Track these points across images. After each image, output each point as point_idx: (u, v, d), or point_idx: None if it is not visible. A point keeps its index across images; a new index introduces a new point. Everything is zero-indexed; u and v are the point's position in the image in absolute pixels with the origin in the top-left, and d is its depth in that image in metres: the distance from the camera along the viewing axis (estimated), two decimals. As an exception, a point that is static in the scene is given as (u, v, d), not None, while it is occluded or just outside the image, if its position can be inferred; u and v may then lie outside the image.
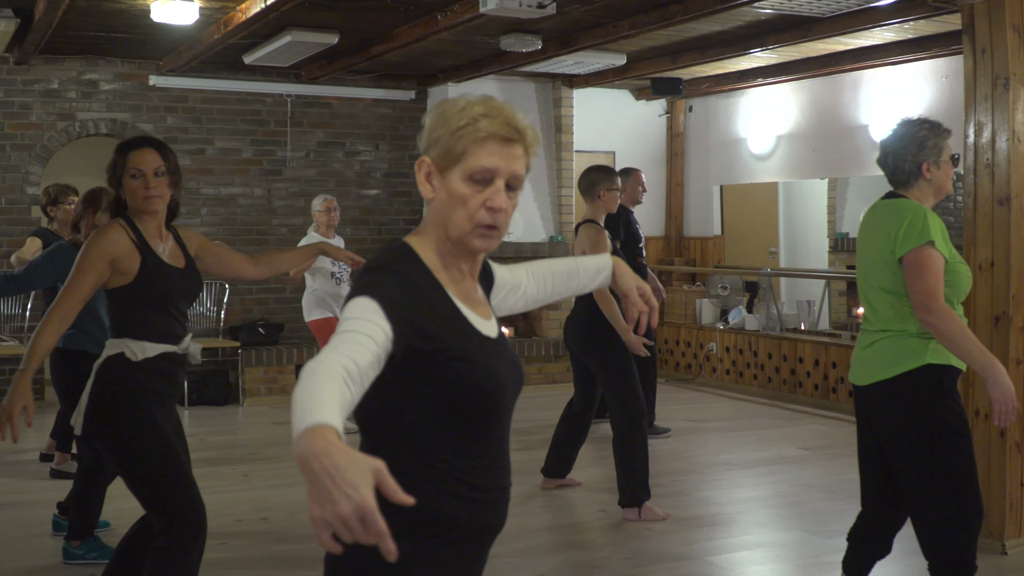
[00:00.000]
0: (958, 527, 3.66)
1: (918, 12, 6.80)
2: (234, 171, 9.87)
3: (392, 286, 1.90)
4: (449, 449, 1.95)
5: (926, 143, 3.77)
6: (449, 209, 1.97)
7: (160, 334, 3.64)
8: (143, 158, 3.66)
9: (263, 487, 6.55)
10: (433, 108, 2.02)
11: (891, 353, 3.68)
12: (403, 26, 7.77)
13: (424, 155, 2.00)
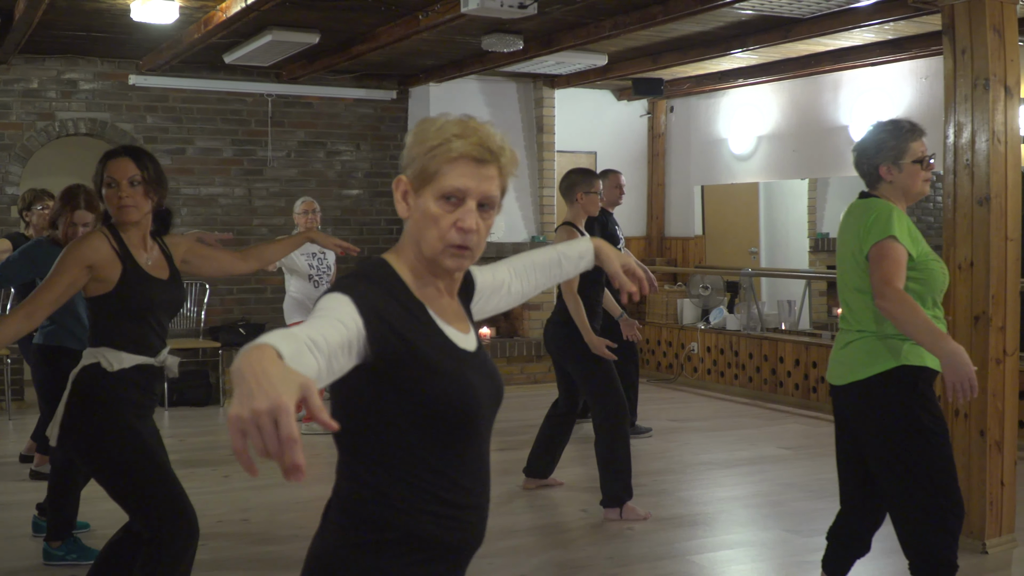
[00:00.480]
0: (938, 527, 3.68)
1: (898, 13, 6.83)
2: (214, 171, 9.83)
3: (368, 290, 1.90)
4: (424, 466, 1.94)
5: (884, 145, 3.78)
6: (422, 228, 1.97)
7: (138, 345, 3.60)
8: (118, 167, 3.61)
9: (243, 488, 6.53)
10: (415, 126, 2.02)
11: (867, 354, 3.69)
12: (384, 26, 7.75)
13: (402, 173, 2.00)
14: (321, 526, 2.01)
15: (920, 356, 3.64)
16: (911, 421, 3.63)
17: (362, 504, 1.93)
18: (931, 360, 3.65)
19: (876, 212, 3.67)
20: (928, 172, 3.79)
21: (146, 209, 3.67)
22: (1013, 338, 5.18)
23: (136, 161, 3.64)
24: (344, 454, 1.97)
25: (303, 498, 6.20)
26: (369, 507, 1.92)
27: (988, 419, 5.12)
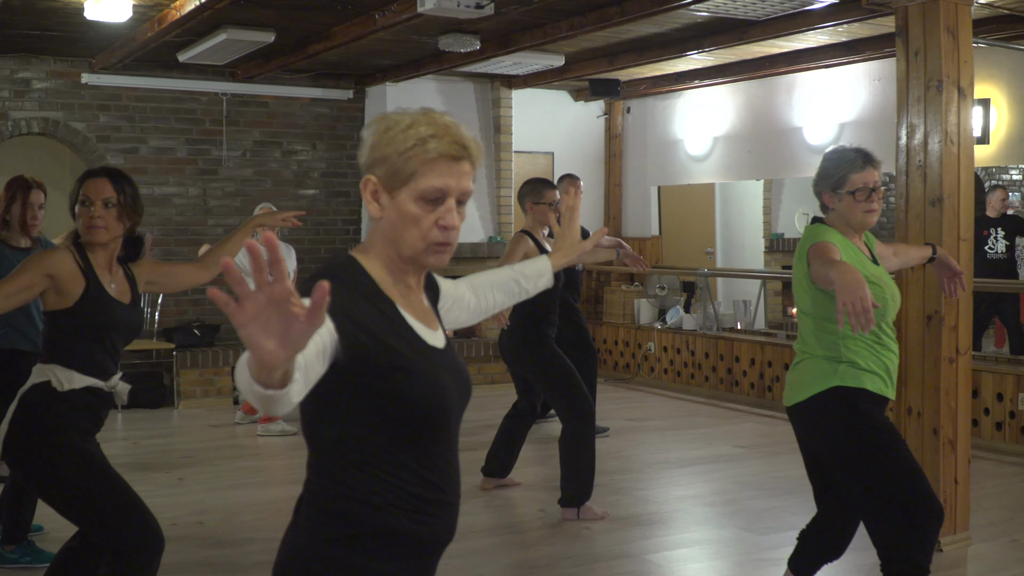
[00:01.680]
0: (914, 531, 3.63)
1: (852, 15, 6.90)
2: (168, 170, 9.74)
3: (338, 292, 1.87)
4: (395, 462, 1.94)
5: (825, 173, 3.79)
6: (401, 229, 1.97)
7: (91, 366, 3.55)
8: (94, 186, 3.58)
9: (198, 491, 6.47)
10: (373, 123, 2.00)
11: (806, 375, 3.71)
12: (340, 25, 7.72)
13: (369, 174, 1.98)
14: (293, 522, 2.00)
15: (857, 378, 3.62)
16: (858, 440, 3.62)
17: (335, 500, 1.93)
18: (869, 382, 3.63)
19: (813, 234, 3.71)
20: (870, 203, 3.70)
21: (117, 233, 3.62)
22: (965, 337, 5.25)
23: (114, 183, 3.60)
24: (315, 451, 1.97)
25: (259, 500, 6.15)
26: (342, 503, 1.92)
27: (941, 417, 5.18)
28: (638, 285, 11.34)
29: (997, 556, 5.20)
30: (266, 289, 1.43)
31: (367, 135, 2.00)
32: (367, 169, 1.99)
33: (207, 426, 8.54)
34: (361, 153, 2.01)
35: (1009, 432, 7.35)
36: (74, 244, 3.63)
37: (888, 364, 3.69)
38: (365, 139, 2.01)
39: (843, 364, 3.63)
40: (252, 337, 1.44)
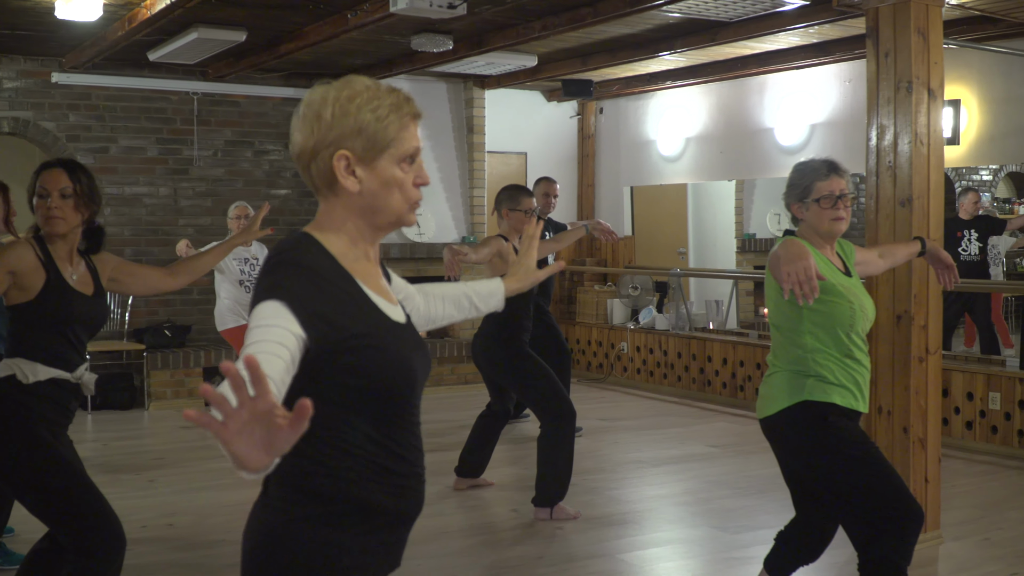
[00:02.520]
0: (891, 535, 3.64)
1: (823, 16, 6.94)
2: (139, 170, 9.68)
3: (298, 282, 1.89)
4: (365, 437, 1.96)
5: (792, 183, 3.80)
6: (385, 197, 2.00)
7: (55, 358, 3.54)
8: (51, 178, 3.60)
9: (169, 493, 6.43)
10: (323, 100, 1.99)
11: (775, 389, 3.71)
12: (312, 24, 7.69)
13: (338, 149, 1.97)
14: (262, 499, 1.99)
15: (825, 392, 3.62)
16: (827, 452, 3.62)
17: (307, 478, 1.93)
18: (838, 397, 3.62)
19: (779, 242, 3.72)
20: (837, 211, 3.70)
21: (75, 223, 3.64)
22: (935, 337, 5.28)
23: (69, 174, 3.63)
24: None
25: (230, 502, 6.13)
26: (315, 480, 1.93)
27: (911, 416, 5.21)
28: (611, 285, 11.37)
29: (968, 555, 5.24)
30: (249, 405, 1.47)
31: (317, 111, 1.98)
32: (332, 145, 1.97)
33: (178, 427, 8.49)
34: (310, 132, 1.99)
35: (979, 431, 7.41)
36: (34, 237, 3.63)
37: (858, 378, 3.67)
38: (315, 116, 1.98)
39: (811, 378, 3.62)
40: (237, 451, 1.50)
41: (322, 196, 2.03)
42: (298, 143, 2.01)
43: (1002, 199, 13.89)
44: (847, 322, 3.63)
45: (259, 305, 1.86)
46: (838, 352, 3.63)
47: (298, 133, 2.01)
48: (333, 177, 1.99)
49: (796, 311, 3.63)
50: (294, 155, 2.03)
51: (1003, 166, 13.53)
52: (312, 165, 2.00)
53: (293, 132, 2.03)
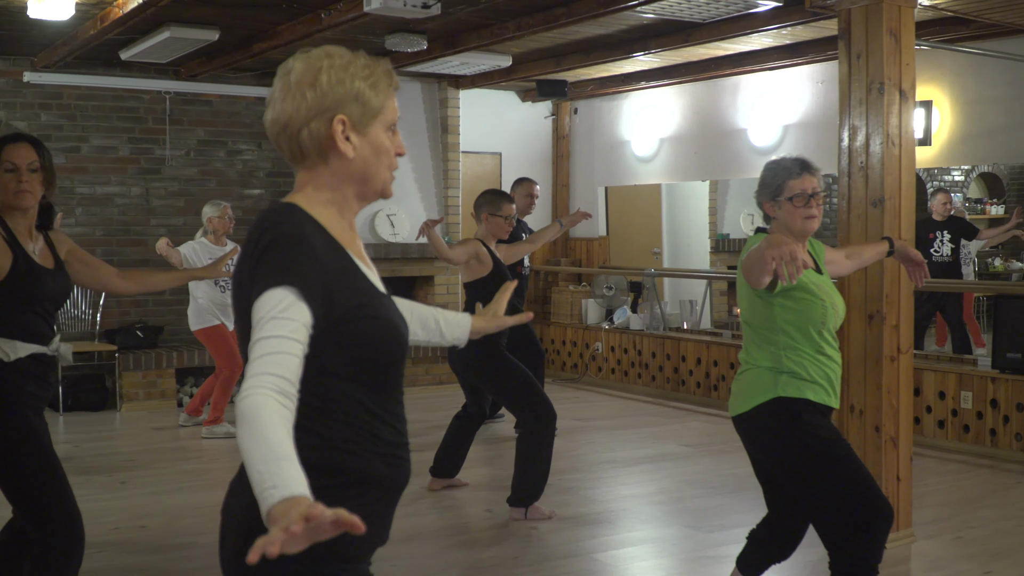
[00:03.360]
0: (863, 532, 3.67)
1: (796, 18, 6.97)
2: (110, 170, 9.61)
3: (303, 261, 1.87)
4: (363, 408, 1.96)
5: (764, 181, 3.82)
6: (374, 164, 2.02)
7: (30, 334, 3.58)
8: (18, 152, 3.62)
9: (141, 495, 6.39)
10: (315, 66, 1.98)
11: (748, 386, 3.72)
12: (285, 24, 7.66)
13: (336, 114, 1.97)
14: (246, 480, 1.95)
15: (798, 388, 3.63)
16: (803, 449, 3.63)
17: (311, 451, 1.90)
18: (811, 392, 3.64)
19: (748, 243, 3.74)
20: (809, 209, 3.71)
21: (39, 197, 3.68)
22: (907, 336, 5.32)
23: (36, 148, 3.66)
24: None
25: (202, 504, 6.09)
26: (316, 454, 1.90)
27: (883, 416, 5.24)
28: (586, 285, 11.38)
29: (940, 553, 5.28)
30: (302, 534, 1.53)
31: (313, 76, 1.97)
32: (330, 110, 1.97)
33: (150, 429, 8.44)
34: (302, 97, 1.97)
35: (951, 430, 7.46)
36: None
37: (830, 374, 3.69)
38: (309, 82, 1.97)
39: (784, 375, 3.64)
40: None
41: (306, 166, 2.02)
42: (287, 109, 1.98)
43: (974, 199, 14.00)
44: (819, 319, 3.65)
45: (269, 292, 1.83)
46: (810, 349, 3.64)
47: (288, 99, 1.98)
48: (328, 143, 1.98)
49: (769, 308, 3.64)
50: (280, 122, 2.00)
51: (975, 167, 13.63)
52: (304, 131, 1.98)
53: (278, 101, 2.00)
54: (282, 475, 1.63)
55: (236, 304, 1.97)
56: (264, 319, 1.80)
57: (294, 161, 2.04)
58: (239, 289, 1.94)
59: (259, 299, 1.83)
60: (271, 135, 2.04)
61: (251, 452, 1.67)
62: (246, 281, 1.90)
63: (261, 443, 1.67)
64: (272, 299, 1.82)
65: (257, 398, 1.71)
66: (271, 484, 1.62)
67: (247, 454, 1.67)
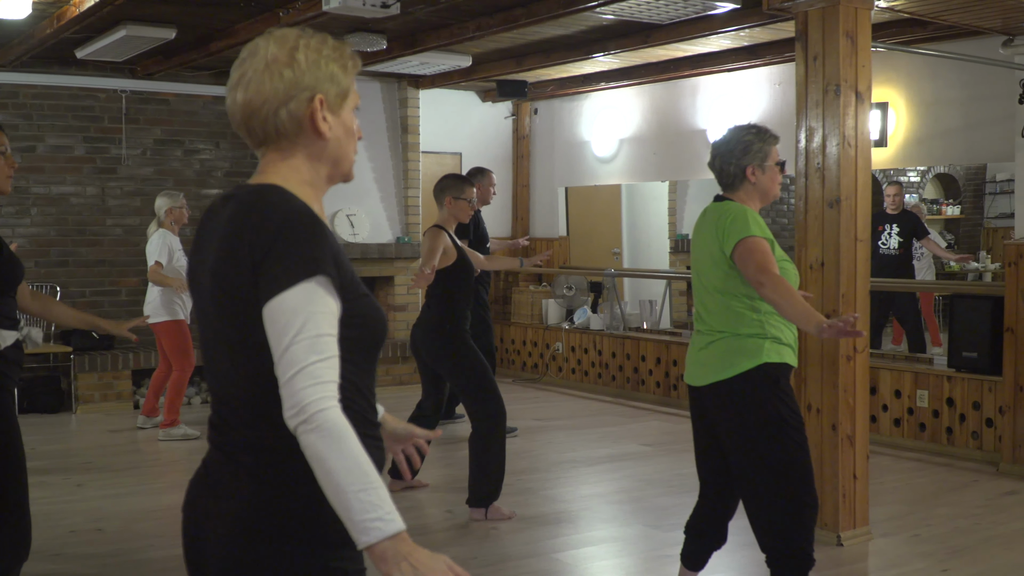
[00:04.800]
0: (795, 520, 3.77)
1: (753, 20, 7.01)
2: (66, 169, 9.50)
3: (321, 243, 1.85)
4: (354, 388, 1.93)
5: (751, 147, 3.89)
6: (346, 144, 2.03)
7: (10, 321, 3.52)
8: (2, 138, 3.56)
9: (97, 497, 6.33)
10: (290, 45, 1.95)
11: (728, 354, 3.76)
12: (243, 22, 7.61)
13: (317, 93, 1.96)
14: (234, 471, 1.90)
15: (780, 353, 3.74)
16: (773, 417, 3.71)
17: None
18: (789, 356, 3.77)
19: (732, 214, 3.77)
20: (782, 176, 3.92)
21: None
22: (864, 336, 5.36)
23: (3, 132, 3.62)
24: (273, 399, 1.85)
25: (158, 506, 6.05)
26: None
27: (840, 414, 5.29)
28: (546, 285, 11.39)
29: (897, 550, 5.33)
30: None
31: (288, 55, 1.94)
32: (308, 88, 1.95)
33: (106, 431, 8.35)
34: (279, 76, 1.93)
35: (907, 428, 7.54)
36: None
37: (795, 334, 3.85)
38: (285, 61, 1.93)
39: (768, 340, 3.74)
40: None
41: (279, 147, 1.98)
42: (265, 89, 1.93)
43: (930, 200, 14.16)
44: (795, 284, 3.80)
45: (302, 284, 1.79)
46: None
47: (266, 78, 1.93)
48: (305, 122, 1.96)
49: (740, 277, 3.73)
50: (256, 103, 1.94)
51: (931, 168, 13.78)
52: (283, 110, 1.94)
53: (252, 81, 1.94)
54: (385, 507, 1.73)
55: (215, 297, 1.90)
56: (307, 313, 1.78)
57: (263, 143, 1.99)
58: (220, 281, 1.88)
59: (287, 292, 1.79)
60: (241, 116, 1.97)
61: (344, 475, 1.71)
62: (241, 271, 1.84)
63: (355, 467, 1.72)
64: (306, 292, 1.79)
65: (337, 413, 1.74)
66: (376, 516, 1.71)
67: (337, 475, 1.71)
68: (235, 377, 1.92)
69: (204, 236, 1.99)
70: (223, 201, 1.99)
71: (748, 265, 3.67)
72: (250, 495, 1.88)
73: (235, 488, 1.90)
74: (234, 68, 1.99)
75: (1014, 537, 5.48)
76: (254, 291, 1.83)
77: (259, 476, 1.89)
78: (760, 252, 3.67)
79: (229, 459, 1.93)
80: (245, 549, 1.89)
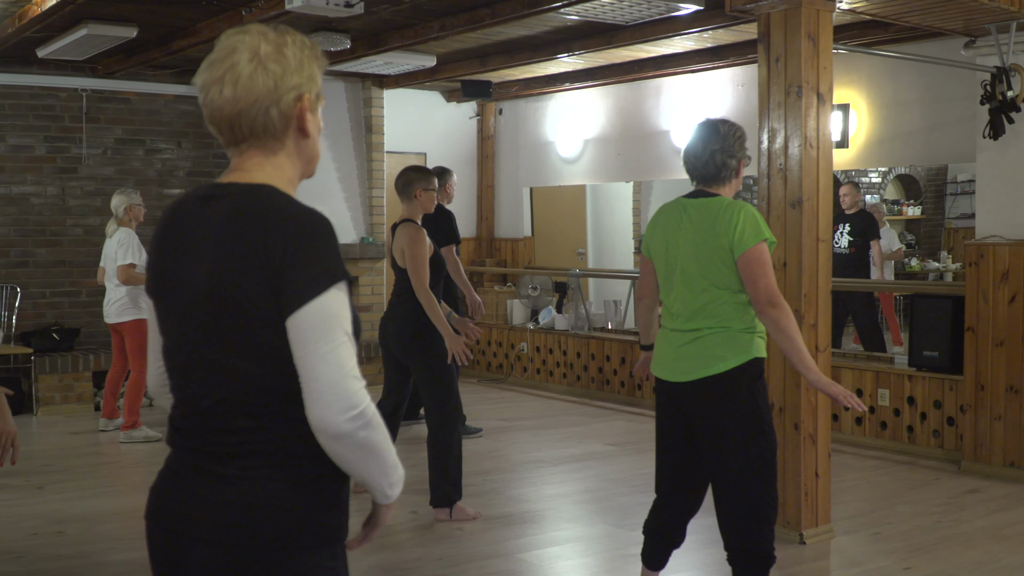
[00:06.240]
0: (758, 517, 3.79)
1: (717, 22, 7.05)
2: (26, 169, 9.40)
3: (336, 246, 1.89)
4: None
5: (743, 139, 3.96)
6: (316, 144, 2.03)
7: None
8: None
9: (58, 499, 6.26)
10: (278, 41, 1.93)
11: (720, 348, 3.77)
12: (206, 21, 7.56)
13: (304, 92, 1.95)
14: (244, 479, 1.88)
15: (761, 348, 3.83)
16: (758, 412, 3.78)
17: (304, 441, 1.87)
18: (765, 349, 3.86)
19: (744, 212, 3.76)
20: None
21: None
22: (825, 335, 5.40)
23: None
24: (274, 401, 1.87)
25: (122, 508, 5.99)
26: (312, 442, 1.87)
27: (802, 413, 5.32)
28: (511, 286, 11.40)
29: (859, 548, 5.37)
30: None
31: (276, 51, 1.92)
32: (296, 88, 1.94)
33: (67, 433, 8.27)
34: (267, 73, 1.91)
35: (869, 427, 7.60)
36: None
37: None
38: (275, 57, 1.92)
39: (756, 335, 3.81)
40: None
41: (262, 144, 1.95)
42: (257, 86, 1.90)
43: (891, 201, 14.29)
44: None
45: (334, 288, 1.83)
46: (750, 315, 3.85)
47: (259, 75, 1.90)
48: (293, 121, 1.95)
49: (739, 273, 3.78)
50: (247, 100, 1.90)
51: (892, 169, 13.91)
52: (273, 108, 1.92)
53: (244, 77, 1.89)
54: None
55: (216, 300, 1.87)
56: (337, 318, 1.82)
57: (244, 141, 1.95)
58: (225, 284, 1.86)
59: (323, 296, 1.81)
60: (228, 113, 1.92)
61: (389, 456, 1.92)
62: (255, 275, 1.83)
63: (391, 447, 1.93)
64: (333, 302, 1.83)
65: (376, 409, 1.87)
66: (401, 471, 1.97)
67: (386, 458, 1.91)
68: (234, 382, 1.89)
69: (184, 237, 1.95)
70: (204, 201, 1.94)
71: (762, 277, 3.69)
72: (255, 499, 1.87)
73: (234, 493, 1.87)
74: (213, 64, 1.93)
75: (975, 535, 5.54)
76: (271, 295, 1.82)
77: (264, 480, 1.87)
78: (770, 267, 3.72)
79: (223, 464, 1.89)
80: (250, 553, 1.88)
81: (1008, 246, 6.69)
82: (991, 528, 5.65)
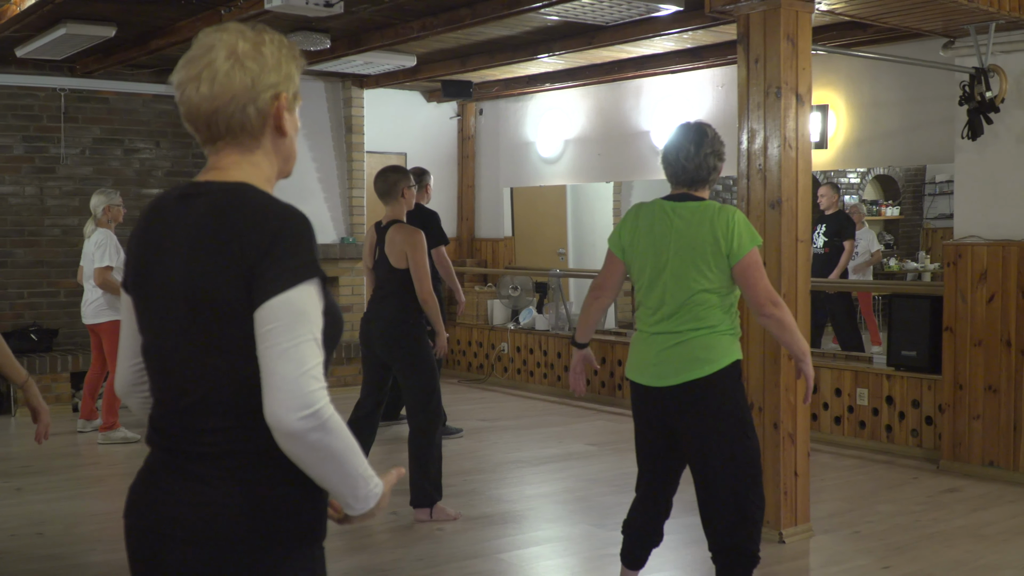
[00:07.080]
0: (746, 518, 3.80)
1: (696, 23, 7.07)
2: (4, 169, 9.33)
3: (313, 243, 1.88)
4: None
5: (723, 147, 4.03)
6: (294, 143, 2.03)
7: None
8: None
9: (37, 501, 6.23)
10: (255, 40, 1.92)
11: (703, 351, 3.78)
12: (185, 20, 7.53)
13: (281, 90, 1.95)
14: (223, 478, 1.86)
15: (739, 350, 3.88)
16: (740, 412, 3.82)
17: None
18: (741, 351, 3.90)
19: (737, 218, 3.81)
20: None
21: None
22: (804, 334, 5.42)
23: None
24: (251, 401, 1.85)
25: (101, 510, 5.97)
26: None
27: (781, 412, 5.34)
28: (491, 286, 11.40)
29: (838, 547, 5.39)
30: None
31: (253, 49, 1.91)
32: (273, 87, 1.93)
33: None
34: (244, 72, 1.90)
35: (848, 426, 7.64)
36: None
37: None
38: (253, 55, 1.91)
39: (736, 337, 3.88)
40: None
41: (238, 143, 1.94)
42: (234, 84, 1.89)
43: (870, 201, 14.36)
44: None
45: (304, 285, 1.81)
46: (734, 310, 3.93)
47: (237, 72, 1.89)
48: (270, 119, 1.95)
49: (730, 277, 3.82)
50: (224, 97, 1.89)
51: (870, 169, 13.98)
52: (251, 106, 1.91)
53: (222, 74, 1.89)
54: (372, 473, 1.95)
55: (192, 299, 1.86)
56: (304, 315, 1.80)
57: (221, 139, 1.94)
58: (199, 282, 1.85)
59: (291, 291, 1.79)
60: (205, 111, 1.91)
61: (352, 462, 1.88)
62: (230, 272, 1.82)
63: (356, 453, 1.90)
64: (306, 294, 1.81)
65: (336, 413, 1.83)
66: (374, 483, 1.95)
67: (347, 464, 1.86)
68: (212, 381, 1.88)
69: (162, 236, 1.94)
70: (181, 200, 1.94)
71: (761, 280, 3.77)
72: (233, 499, 1.85)
73: (212, 493, 1.86)
74: (191, 61, 1.92)
75: (954, 534, 5.58)
76: (245, 292, 1.81)
77: (242, 479, 1.86)
78: (763, 271, 3.81)
79: (201, 464, 1.88)
80: (228, 553, 1.86)
81: (986, 246, 6.73)
82: (970, 527, 5.69)
